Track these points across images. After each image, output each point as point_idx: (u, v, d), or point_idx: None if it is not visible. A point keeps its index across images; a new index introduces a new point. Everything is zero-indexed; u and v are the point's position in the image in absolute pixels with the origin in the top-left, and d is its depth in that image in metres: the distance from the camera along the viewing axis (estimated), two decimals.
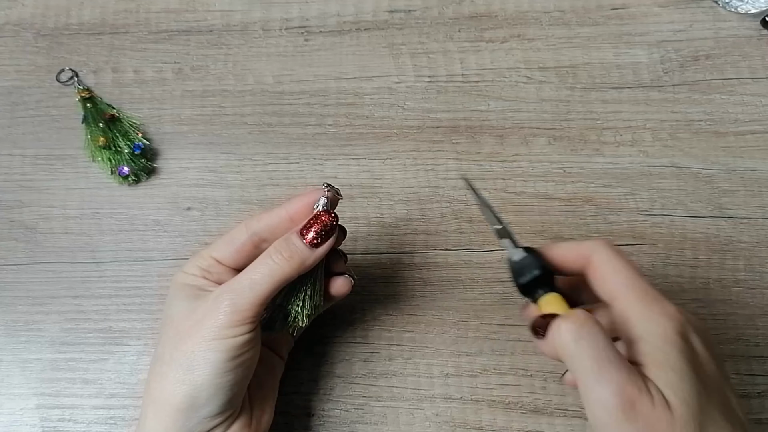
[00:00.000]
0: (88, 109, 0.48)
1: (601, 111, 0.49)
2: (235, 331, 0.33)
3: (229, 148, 0.49)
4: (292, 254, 0.34)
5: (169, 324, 0.35)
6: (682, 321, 0.29)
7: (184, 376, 0.33)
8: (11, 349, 0.44)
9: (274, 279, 0.33)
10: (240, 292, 0.33)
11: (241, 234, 0.36)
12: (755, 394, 0.42)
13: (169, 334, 0.35)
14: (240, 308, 0.33)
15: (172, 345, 0.34)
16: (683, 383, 0.27)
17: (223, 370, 0.33)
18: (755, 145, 0.48)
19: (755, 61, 0.50)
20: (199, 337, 0.33)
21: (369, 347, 0.44)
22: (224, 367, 0.33)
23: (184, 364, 0.33)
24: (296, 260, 0.34)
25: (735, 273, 0.45)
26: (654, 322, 0.29)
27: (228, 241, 0.36)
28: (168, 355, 0.34)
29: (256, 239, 0.36)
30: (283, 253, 0.34)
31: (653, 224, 0.46)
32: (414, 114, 0.49)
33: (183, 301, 0.35)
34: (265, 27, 0.52)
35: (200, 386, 0.33)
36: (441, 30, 0.52)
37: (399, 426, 0.42)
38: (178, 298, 0.35)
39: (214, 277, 0.36)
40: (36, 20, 0.52)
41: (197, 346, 0.33)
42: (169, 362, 0.34)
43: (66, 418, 0.42)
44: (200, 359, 0.33)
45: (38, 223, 0.47)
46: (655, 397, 0.27)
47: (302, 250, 0.34)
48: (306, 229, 0.34)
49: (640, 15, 0.52)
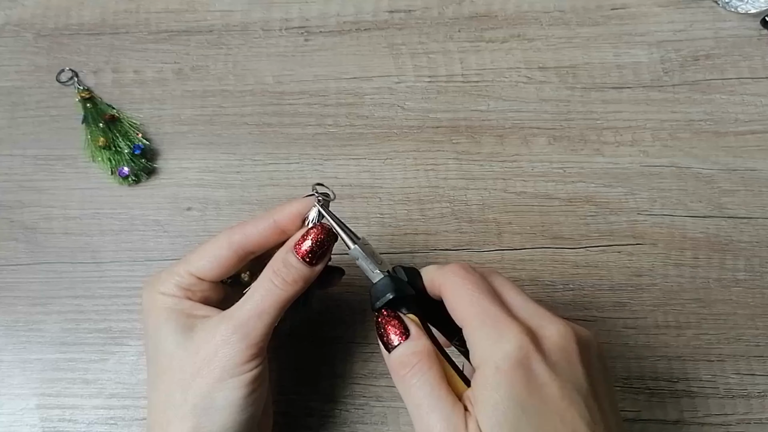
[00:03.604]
0: (88, 109, 0.48)
1: (601, 111, 0.49)
2: (251, 365, 0.32)
3: (229, 148, 0.49)
4: (295, 277, 0.33)
5: (166, 362, 0.33)
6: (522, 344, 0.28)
7: (205, 419, 0.31)
8: (11, 349, 0.44)
9: (280, 305, 0.33)
10: (249, 324, 0.32)
11: (221, 249, 0.34)
12: (755, 394, 0.42)
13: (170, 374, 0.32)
14: (252, 341, 0.32)
15: (183, 387, 0.32)
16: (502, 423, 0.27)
17: (244, 407, 0.32)
18: (755, 145, 0.48)
19: (755, 61, 0.50)
20: (214, 377, 0.31)
21: (369, 347, 0.44)
22: (244, 403, 0.32)
23: (200, 407, 0.31)
24: (299, 282, 0.33)
25: (735, 273, 0.45)
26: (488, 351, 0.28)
27: (208, 256, 0.34)
28: (180, 397, 0.32)
29: (240, 252, 0.34)
30: (286, 278, 0.33)
31: (653, 224, 0.46)
32: (414, 114, 0.49)
33: (175, 334, 0.33)
34: (265, 27, 0.52)
35: (223, 427, 0.32)
36: (441, 30, 0.52)
37: (399, 426, 0.42)
38: (167, 328, 0.33)
39: (197, 296, 0.34)
40: (36, 20, 0.52)
41: (214, 386, 0.31)
42: (183, 406, 0.32)
43: (66, 418, 0.42)
44: (220, 401, 0.31)
45: (38, 224, 0.47)
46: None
47: (303, 270, 0.33)
48: (300, 245, 0.33)
49: (640, 15, 0.52)
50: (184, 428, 0.31)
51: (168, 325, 0.33)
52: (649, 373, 0.43)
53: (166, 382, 0.33)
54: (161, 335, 0.33)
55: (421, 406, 0.29)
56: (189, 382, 0.32)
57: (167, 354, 0.33)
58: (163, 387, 0.33)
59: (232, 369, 0.31)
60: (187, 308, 0.34)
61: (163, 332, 0.33)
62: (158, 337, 0.33)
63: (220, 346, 0.32)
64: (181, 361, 0.32)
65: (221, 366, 0.31)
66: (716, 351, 0.43)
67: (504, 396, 0.27)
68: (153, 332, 0.34)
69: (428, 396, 0.29)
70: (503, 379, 0.27)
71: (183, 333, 0.33)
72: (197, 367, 0.32)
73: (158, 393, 0.33)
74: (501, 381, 0.27)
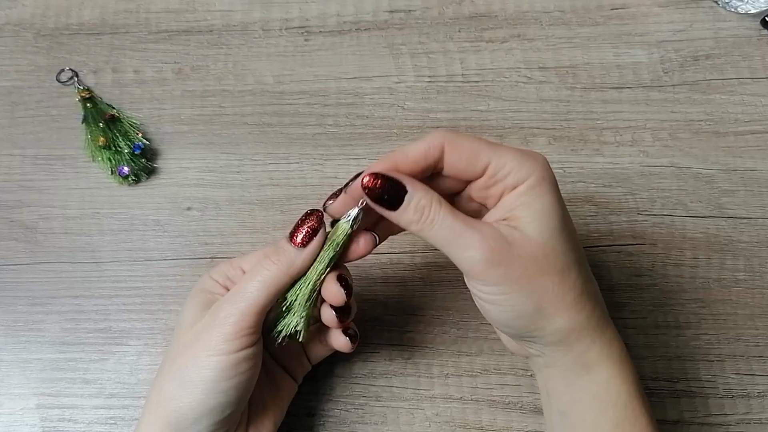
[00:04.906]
0: (88, 109, 0.48)
1: (601, 111, 0.49)
2: (233, 345, 0.32)
3: (229, 148, 0.49)
4: (280, 257, 0.33)
5: (178, 330, 0.35)
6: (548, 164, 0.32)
7: (176, 392, 0.32)
8: (11, 349, 0.44)
9: (267, 285, 0.33)
10: (235, 302, 0.33)
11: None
12: (755, 394, 0.42)
13: (173, 344, 0.34)
14: (237, 319, 0.32)
15: (172, 356, 0.34)
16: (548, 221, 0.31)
17: (216, 391, 0.32)
18: (755, 145, 0.48)
19: (755, 61, 0.50)
20: (194, 352, 0.32)
21: (369, 347, 0.44)
22: (216, 387, 0.32)
23: (177, 379, 0.33)
24: (284, 263, 0.33)
25: (735, 273, 0.45)
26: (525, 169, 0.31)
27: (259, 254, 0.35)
28: (167, 366, 0.34)
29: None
30: (272, 258, 0.33)
31: (653, 224, 0.46)
32: (414, 114, 0.49)
33: (194, 309, 0.35)
34: (265, 27, 0.52)
35: (189, 404, 0.32)
36: (441, 30, 0.52)
37: (399, 426, 0.42)
38: (192, 303, 0.35)
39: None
40: (36, 20, 0.52)
41: (191, 361, 0.32)
42: (165, 374, 0.33)
43: (66, 418, 0.42)
44: (193, 376, 0.32)
45: (38, 223, 0.47)
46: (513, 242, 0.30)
47: (290, 252, 0.33)
48: (294, 231, 0.34)
49: (640, 15, 0.52)
50: (160, 396, 0.33)
51: (193, 301, 0.35)
52: (649, 373, 0.43)
53: (167, 352, 0.35)
54: (186, 309, 0.35)
55: (450, 237, 0.31)
56: (177, 354, 0.33)
57: (180, 324, 0.35)
58: (165, 356, 0.35)
59: (213, 346, 0.32)
60: (218, 293, 0.35)
61: (188, 306, 0.35)
62: (184, 310, 0.35)
63: (208, 322, 0.33)
64: (183, 333, 0.34)
65: (203, 340, 0.33)
66: (716, 351, 0.43)
67: (548, 202, 0.31)
68: (184, 305, 0.36)
69: (452, 226, 0.31)
70: (546, 189, 0.31)
71: (199, 308, 0.35)
72: (188, 340, 0.33)
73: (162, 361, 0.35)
74: (545, 191, 0.31)
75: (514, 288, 0.31)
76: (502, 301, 0.31)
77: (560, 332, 0.32)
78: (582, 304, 0.32)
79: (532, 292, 0.31)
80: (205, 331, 0.33)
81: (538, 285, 0.31)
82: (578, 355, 0.32)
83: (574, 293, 0.31)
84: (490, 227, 0.31)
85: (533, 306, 0.31)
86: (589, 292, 0.32)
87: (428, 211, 0.31)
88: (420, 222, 0.31)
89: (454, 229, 0.31)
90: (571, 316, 0.31)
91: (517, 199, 0.31)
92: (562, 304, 0.31)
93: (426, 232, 0.31)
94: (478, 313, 0.44)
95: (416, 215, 0.31)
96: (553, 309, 0.31)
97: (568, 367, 0.33)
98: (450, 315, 0.44)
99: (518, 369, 0.43)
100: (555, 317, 0.31)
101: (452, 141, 0.32)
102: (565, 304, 0.31)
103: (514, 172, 0.31)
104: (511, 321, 0.32)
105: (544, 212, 0.31)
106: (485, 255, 0.30)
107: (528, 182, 0.31)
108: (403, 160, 0.32)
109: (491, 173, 0.31)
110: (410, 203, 0.31)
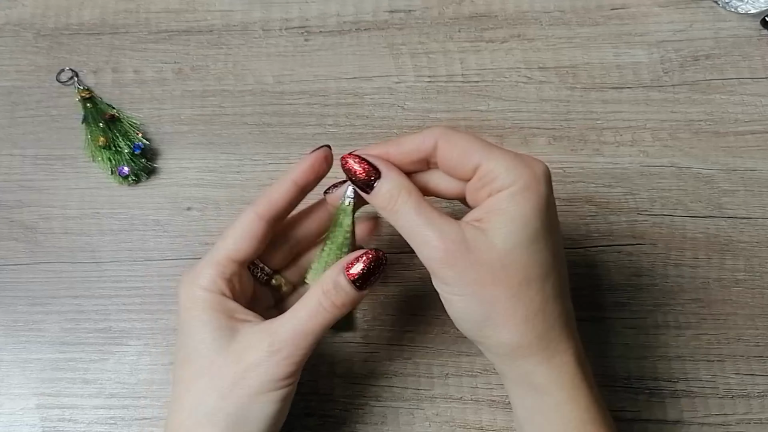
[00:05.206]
0: (88, 109, 0.48)
1: (601, 111, 0.49)
2: (288, 381, 0.32)
3: (229, 148, 0.49)
4: (344, 301, 0.33)
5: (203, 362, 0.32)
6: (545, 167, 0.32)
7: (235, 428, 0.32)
8: (11, 349, 0.44)
9: (324, 327, 0.33)
10: (294, 342, 0.32)
11: (254, 223, 0.34)
12: (755, 394, 0.42)
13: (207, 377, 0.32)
14: (294, 360, 0.32)
15: (219, 394, 0.32)
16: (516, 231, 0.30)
17: (276, 421, 0.33)
18: (755, 145, 0.48)
19: (755, 61, 0.50)
20: (254, 390, 0.32)
21: (369, 347, 0.44)
22: (277, 417, 0.32)
23: (233, 415, 0.32)
24: (347, 306, 0.33)
25: (735, 273, 0.45)
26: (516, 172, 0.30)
27: (244, 235, 0.34)
28: (214, 403, 0.32)
29: (270, 219, 0.34)
30: (335, 301, 0.32)
31: (653, 224, 0.46)
32: (414, 114, 0.49)
33: (215, 338, 0.32)
34: (265, 27, 0.52)
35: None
36: (441, 30, 0.52)
37: (399, 426, 0.42)
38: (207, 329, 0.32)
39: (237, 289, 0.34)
40: (36, 20, 0.52)
41: (251, 398, 0.32)
42: (216, 412, 0.32)
43: (66, 418, 0.42)
44: (256, 413, 0.32)
45: (38, 223, 0.47)
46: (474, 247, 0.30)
47: (351, 294, 0.33)
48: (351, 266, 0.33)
49: (640, 15, 0.52)
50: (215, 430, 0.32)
51: (208, 327, 0.33)
52: (649, 373, 0.43)
53: (201, 386, 0.32)
54: (200, 336, 0.33)
55: (411, 229, 0.31)
56: (227, 390, 0.32)
57: (205, 357, 0.32)
58: (196, 389, 0.32)
59: (271, 383, 0.32)
60: (229, 309, 0.33)
61: (202, 333, 0.33)
62: (197, 338, 0.33)
63: (263, 360, 0.32)
64: (221, 368, 0.32)
65: (261, 379, 0.32)
66: (716, 351, 0.43)
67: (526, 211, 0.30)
68: (191, 331, 0.33)
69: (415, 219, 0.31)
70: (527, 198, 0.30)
71: (224, 338, 0.32)
72: (238, 376, 0.32)
73: (191, 395, 0.33)
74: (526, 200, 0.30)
75: (466, 291, 0.30)
76: (455, 301, 0.31)
77: (504, 346, 0.31)
78: (534, 322, 0.31)
79: (481, 300, 0.30)
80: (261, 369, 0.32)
81: (488, 294, 0.30)
82: (525, 374, 0.32)
83: (526, 310, 0.30)
84: (454, 227, 0.30)
85: (482, 314, 0.31)
86: (550, 312, 0.31)
87: (395, 199, 0.31)
88: (386, 209, 0.32)
89: (416, 223, 0.31)
90: (520, 333, 0.31)
91: (496, 204, 0.30)
92: (511, 318, 0.30)
93: (391, 219, 0.32)
94: None
95: (384, 202, 0.31)
96: (502, 321, 0.31)
97: (516, 382, 0.32)
98: None
99: None
100: (502, 330, 0.31)
101: (447, 136, 0.32)
102: (515, 319, 0.30)
103: (501, 177, 0.30)
104: (460, 322, 0.32)
105: (516, 221, 0.30)
106: (439, 255, 0.30)
107: (511, 188, 0.30)
108: (395, 149, 0.33)
109: (480, 175, 0.31)
110: (381, 189, 0.32)
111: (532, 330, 0.31)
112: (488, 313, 0.30)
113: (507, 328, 0.31)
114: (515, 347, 0.31)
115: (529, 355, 0.31)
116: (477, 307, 0.31)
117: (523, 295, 0.30)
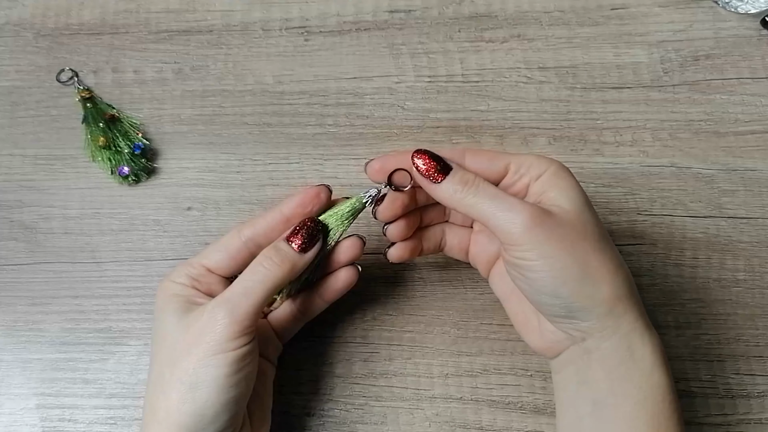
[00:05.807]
0: (88, 109, 0.48)
1: (601, 111, 0.49)
2: (236, 343, 0.33)
3: (229, 148, 0.49)
4: (283, 259, 0.34)
5: (162, 341, 0.34)
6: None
7: (189, 395, 0.32)
8: (11, 349, 0.44)
9: (266, 286, 0.34)
10: (236, 302, 0.33)
11: (234, 240, 0.36)
12: (755, 394, 0.42)
13: (163, 352, 0.34)
14: (237, 319, 0.33)
15: (171, 363, 0.33)
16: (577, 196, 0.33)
17: (228, 386, 0.33)
18: (755, 145, 0.48)
19: (755, 61, 0.50)
20: (200, 353, 0.32)
21: (369, 347, 0.44)
22: (228, 382, 0.32)
23: (186, 383, 0.32)
24: (287, 265, 0.34)
25: (735, 273, 0.45)
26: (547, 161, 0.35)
27: (220, 248, 0.36)
28: (168, 374, 0.33)
29: (251, 245, 0.36)
30: (274, 259, 0.34)
31: (653, 224, 0.46)
32: (414, 114, 0.49)
33: (173, 316, 0.34)
34: (265, 27, 0.52)
35: (206, 404, 0.32)
36: (441, 30, 0.52)
37: (399, 426, 0.42)
38: (167, 311, 0.35)
39: (203, 287, 0.36)
40: (36, 20, 0.52)
41: (199, 362, 0.32)
42: (170, 381, 0.33)
43: (66, 418, 0.42)
44: (204, 376, 0.32)
45: (38, 223, 0.47)
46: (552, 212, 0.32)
47: (292, 255, 0.35)
48: (293, 235, 0.35)
49: (640, 15, 0.52)
50: (169, 403, 0.33)
51: (168, 309, 0.35)
52: None
53: (158, 361, 0.34)
54: (162, 319, 0.35)
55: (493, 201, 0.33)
56: (177, 359, 0.33)
57: (164, 334, 0.34)
58: (156, 366, 0.34)
59: (218, 346, 0.32)
60: (190, 295, 0.35)
61: (164, 316, 0.35)
62: (160, 321, 0.35)
63: (207, 323, 0.33)
64: (174, 340, 0.34)
65: (208, 343, 0.33)
66: (716, 351, 0.43)
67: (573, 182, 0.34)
68: (157, 316, 0.35)
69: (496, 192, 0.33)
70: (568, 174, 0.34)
71: (178, 314, 0.34)
72: (187, 344, 0.33)
73: (152, 372, 0.35)
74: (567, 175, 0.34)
75: (557, 249, 0.32)
76: (545, 266, 0.32)
77: (607, 302, 0.32)
78: (623, 274, 0.33)
79: (575, 255, 0.32)
80: (206, 333, 0.33)
81: (579, 249, 0.32)
82: (624, 334, 0.32)
83: (612, 263, 0.32)
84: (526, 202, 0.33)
85: (578, 269, 0.32)
86: (626, 267, 0.33)
87: (473, 181, 0.33)
88: (464, 190, 0.33)
89: (498, 194, 0.33)
90: (616, 284, 0.32)
91: (544, 184, 0.34)
92: (605, 269, 0.32)
93: (469, 198, 0.33)
94: (479, 313, 0.44)
95: (460, 185, 0.33)
96: (599, 275, 0.32)
97: (613, 348, 0.33)
98: (450, 315, 0.44)
99: (518, 369, 0.43)
100: (601, 284, 0.32)
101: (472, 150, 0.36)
102: (608, 270, 0.32)
103: (535, 165, 0.34)
104: (559, 288, 0.32)
105: (571, 189, 0.33)
106: (527, 217, 0.31)
107: (549, 170, 0.34)
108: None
109: (515, 169, 0.35)
110: (456, 175, 0.34)
111: (624, 281, 0.33)
112: (584, 269, 0.32)
113: (605, 281, 0.32)
114: (617, 300, 0.32)
115: (629, 309, 0.33)
116: (573, 263, 0.32)
117: (606, 248, 0.33)
